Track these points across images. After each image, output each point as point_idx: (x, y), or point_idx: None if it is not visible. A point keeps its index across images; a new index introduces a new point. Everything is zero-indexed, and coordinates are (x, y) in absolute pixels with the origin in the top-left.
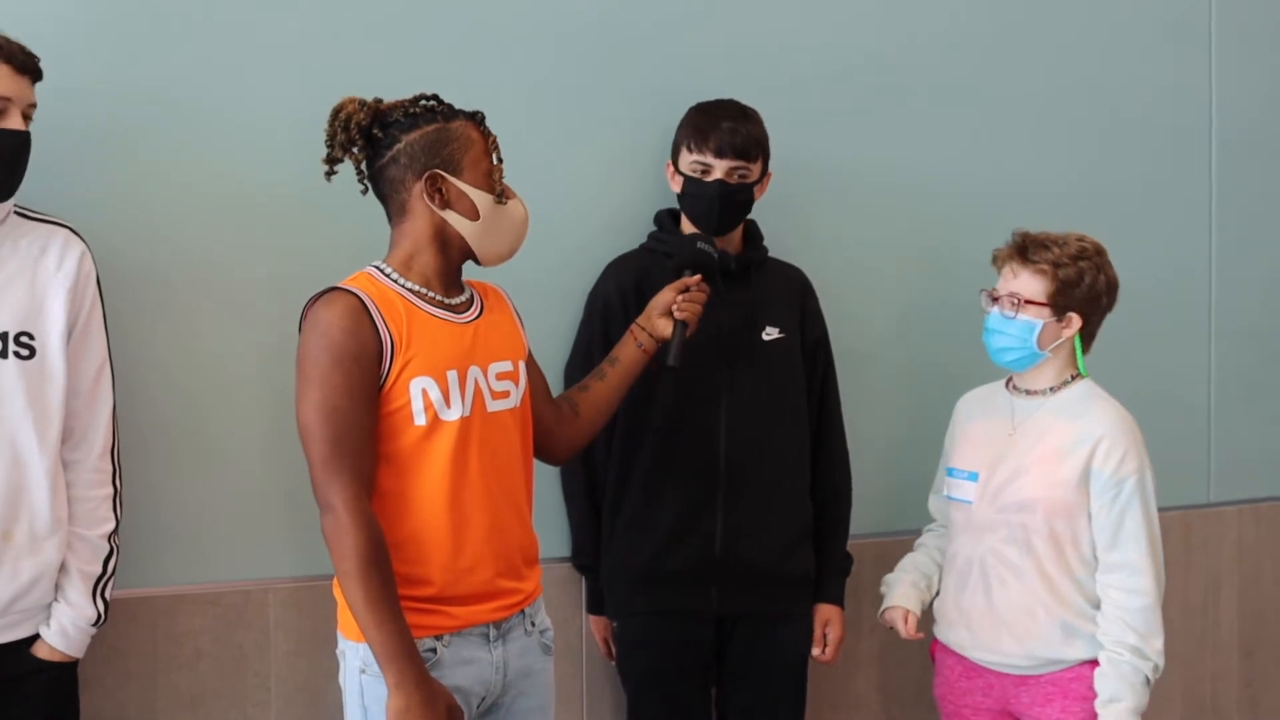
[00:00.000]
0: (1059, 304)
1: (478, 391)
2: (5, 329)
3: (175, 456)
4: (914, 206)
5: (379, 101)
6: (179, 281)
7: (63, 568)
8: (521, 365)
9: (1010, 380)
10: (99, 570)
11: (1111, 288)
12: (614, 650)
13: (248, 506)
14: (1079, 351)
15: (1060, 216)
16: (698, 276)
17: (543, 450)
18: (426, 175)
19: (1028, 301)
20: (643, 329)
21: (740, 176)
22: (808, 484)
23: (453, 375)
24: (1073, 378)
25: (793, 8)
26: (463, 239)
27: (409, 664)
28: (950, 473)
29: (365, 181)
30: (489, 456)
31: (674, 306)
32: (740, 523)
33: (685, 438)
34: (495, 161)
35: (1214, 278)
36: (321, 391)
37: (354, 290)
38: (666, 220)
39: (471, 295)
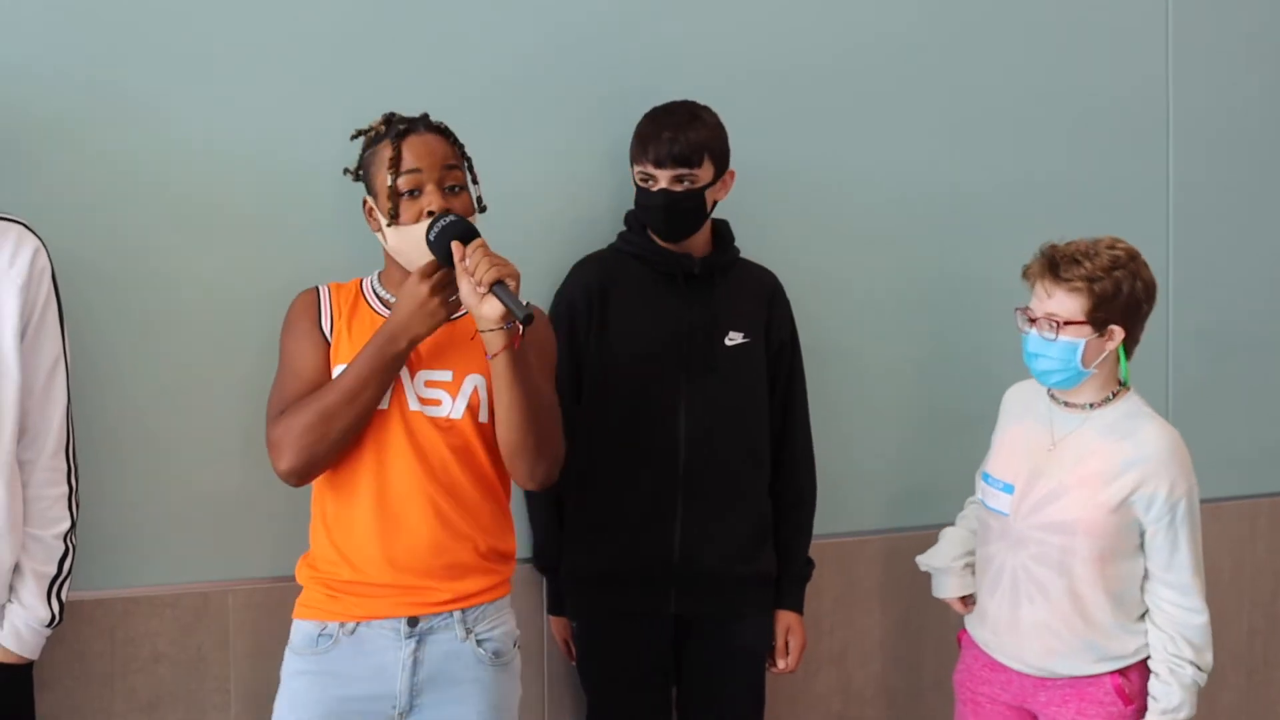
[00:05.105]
0: (1098, 319)
1: (398, 388)
2: None
3: (133, 456)
4: (881, 206)
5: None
6: (138, 279)
7: (16, 569)
8: (471, 380)
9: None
10: (53, 571)
11: (1150, 291)
12: (574, 651)
13: (207, 507)
14: (1123, 361)
15: (1019, 215)
16: (464, 246)
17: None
18: (364, 198)
19: (1066, 323)
20: (480, 334)
21: (688, 183)
22: (767, 486)
23: None
24: (1114, 394)
25: (762, 7)
26: None
27: (380, 335)
28: (985, 478)
29: None
30: (412, 456)
31: (478, 281)
32: (698, 526)
33: (644, 442)
34: (391, 181)
35: (1171, 277)
36: (282, 361)
37: (320, 285)
38: (635, 221)
39: None
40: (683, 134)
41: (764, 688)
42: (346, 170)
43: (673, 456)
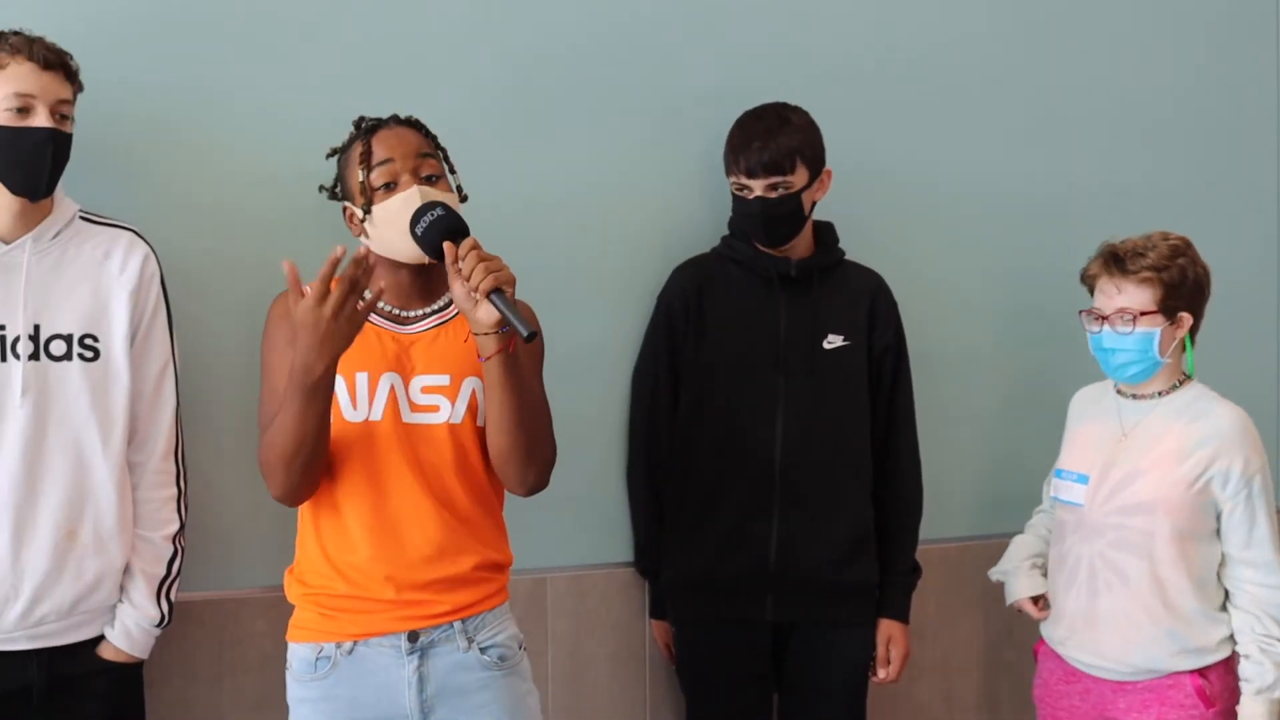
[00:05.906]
0: (1169, 307)
1: (392, 398)
2: (70, 331)
3: (241, 459)
4: (986, 207)
5: None
6: (245, 283)
7: (127, 569)
8: (469, 384)
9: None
10: (163, 572)
11: (1208, 276)
12: (675, 654)
13: None
14: (1189, 351)
15: (1126, 215)
16: (458, 246)
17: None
18: (343, 205)
19: (1142, 313)
20: (474, 336)
21: (783, 189)
22: (868, 492)
23: (362, 378)
24: (1180, 382)
25: (863, 7)
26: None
27: (295, 371)
28: (1059, 474)
29: None
30: (409, 465)
31: (474, 288)
32: (795, 531)
33: (741, 446)
34: (364, 176)
35: None
36: (262, 375)
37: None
38: (736, 226)
39: (441, 308)
40: (772, 141)
41: (864, 696)
42: (322, 188)
43: (769, 460)
